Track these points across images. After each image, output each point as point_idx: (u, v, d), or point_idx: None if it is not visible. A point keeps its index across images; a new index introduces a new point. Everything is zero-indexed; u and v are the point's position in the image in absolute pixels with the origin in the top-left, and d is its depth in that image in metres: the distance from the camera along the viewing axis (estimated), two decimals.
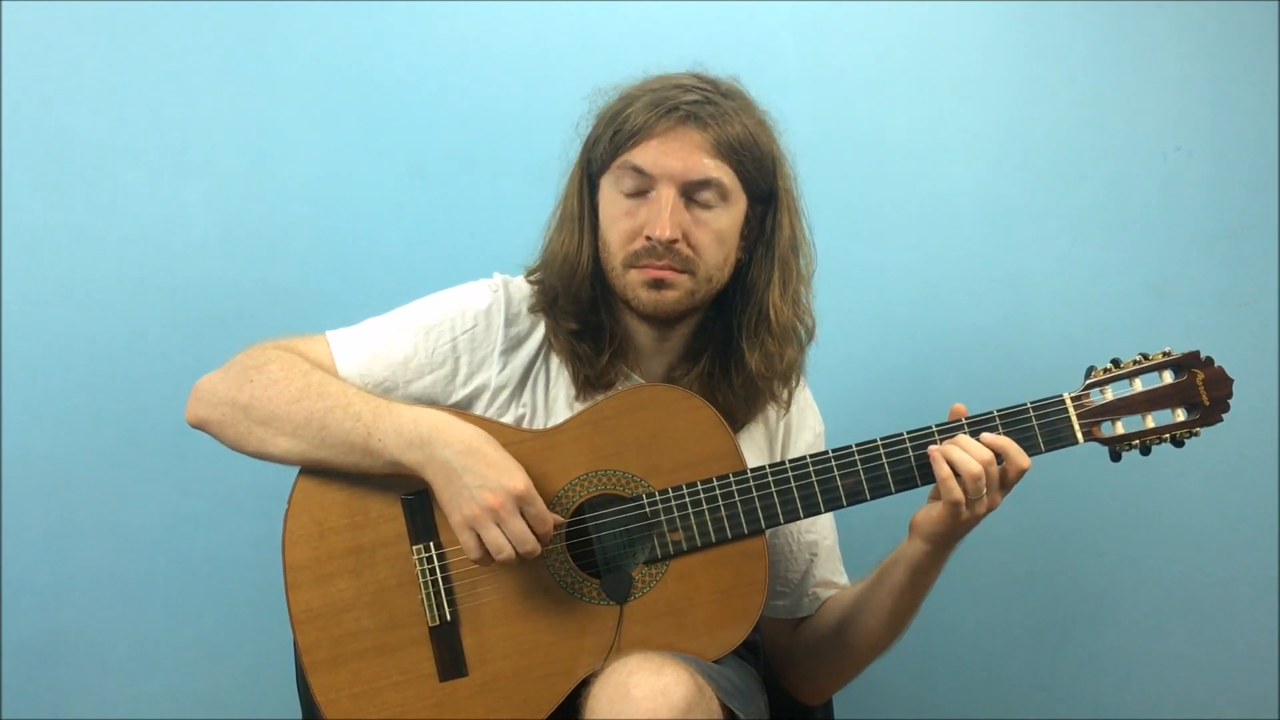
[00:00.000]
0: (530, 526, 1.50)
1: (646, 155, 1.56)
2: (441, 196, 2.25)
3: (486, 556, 1.50)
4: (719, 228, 1.59)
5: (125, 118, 2.18)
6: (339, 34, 2.22)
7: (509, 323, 1.66)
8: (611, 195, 1.60)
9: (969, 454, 1.50)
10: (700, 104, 1.56)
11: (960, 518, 1.52)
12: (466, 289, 1.69)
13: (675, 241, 1.55)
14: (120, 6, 2.17)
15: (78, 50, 2.17)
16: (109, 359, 2.19)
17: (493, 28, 2.24)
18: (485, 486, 1.49)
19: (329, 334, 1.66)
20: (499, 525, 1.49)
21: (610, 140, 1.58)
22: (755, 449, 1.71)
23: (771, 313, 1.63)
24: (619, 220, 1.58)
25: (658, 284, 1.57)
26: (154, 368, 2.18)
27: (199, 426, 1.62)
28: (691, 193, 1.57)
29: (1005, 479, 1.53)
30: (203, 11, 2.19)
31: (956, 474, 1.50)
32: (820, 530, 1.74)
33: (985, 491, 1.51)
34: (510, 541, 1.49)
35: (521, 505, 1.49)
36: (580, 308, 1.63)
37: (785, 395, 1.70)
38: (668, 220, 1.54)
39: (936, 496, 1.54)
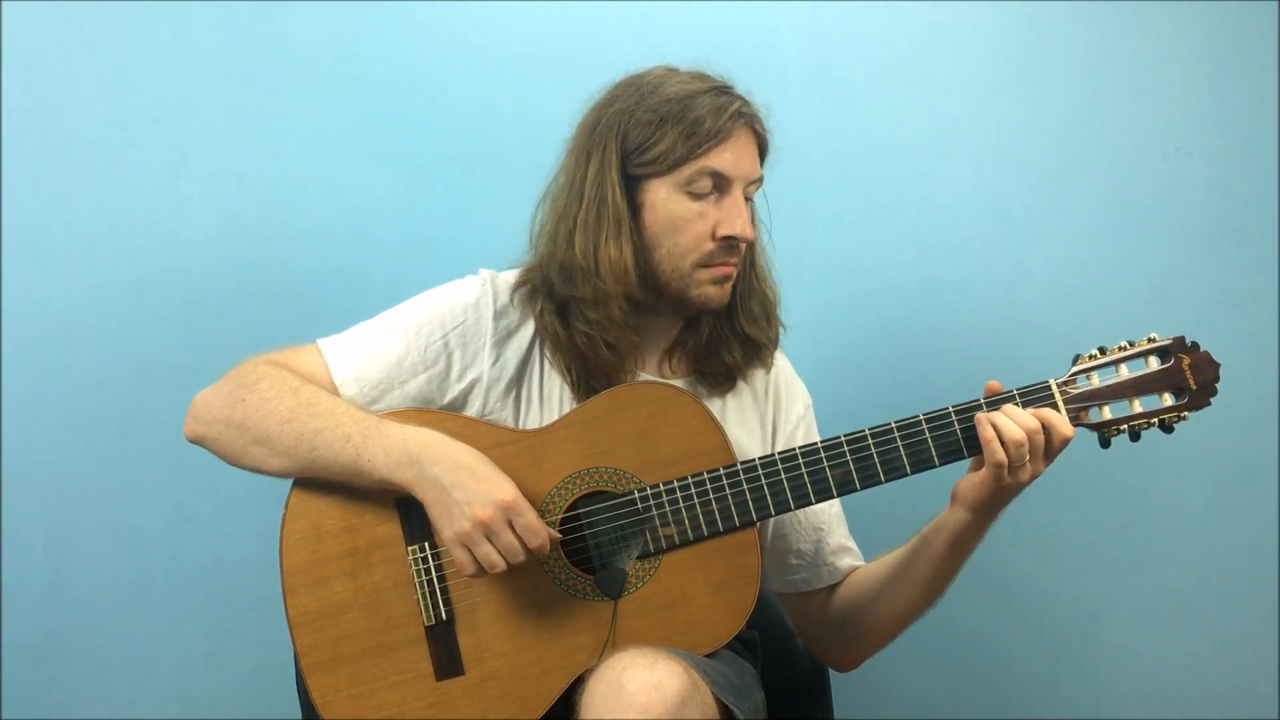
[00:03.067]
0: (521, 538, 1.51)
1: (724, 160, 1.60)
2: (441, 197, 2.25)
3: (480, 571, 1.52)
4: (755, 218, 1.70)
5: (125, 117, 2.19)
6: (339, 34, 2.22)
7: (499, 315, 1.67)
8: (677, 198, 1.61)
9: (1014, 420, 1.53)
10: (746, 104, 1.64)
11: (1003, 483, 1.54)
12: (453, 285, 1.70)
13: None
14: (120, 6, 2.18)
15: (78, 50, 2.18)
16: (109, 359, 2.19)
17: (493, 28, 2.24)
18: (474, 501, 1.50)
19: (320, 342, 1.67)
20: (490, 539, 1.50)
21: (685, 143, 1.59)
22: (745, 418, 1.73)
23: (756, 283, 1.71)
24: (693, 222, 1.61)
25: (724, 279, 1.63)
26: (154, 367, 2.18)
27: (197, 442, 1.65)
28: (748, 191, 1.65)
29: (1049, 447, 1.55)
30: (203, 11, 2.19)
31: (1001, 440, 1.52)
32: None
33: (1028, 459, 1.53)
34: (502, 555, 1.50)
35: (511, 516, 1.50)
36: (629, 313, 1.63)
37: (769, 359, 1.75)
38: (749, 221, 1.64)
39: (978, 466, 1.57)
